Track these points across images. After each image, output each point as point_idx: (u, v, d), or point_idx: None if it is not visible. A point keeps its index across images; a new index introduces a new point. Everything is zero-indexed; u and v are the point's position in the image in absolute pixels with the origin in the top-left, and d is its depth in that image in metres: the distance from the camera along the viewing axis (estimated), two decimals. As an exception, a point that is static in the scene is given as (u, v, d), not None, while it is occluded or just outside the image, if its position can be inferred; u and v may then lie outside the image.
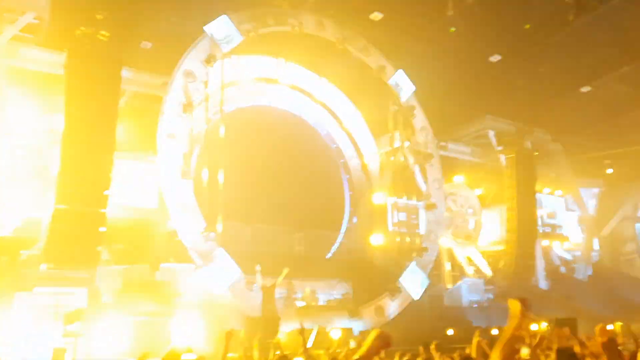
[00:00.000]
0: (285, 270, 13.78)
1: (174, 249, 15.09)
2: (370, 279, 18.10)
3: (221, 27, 15.85)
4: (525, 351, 8.10)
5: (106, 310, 12.34)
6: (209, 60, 15.72)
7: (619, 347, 5.75)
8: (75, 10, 14.24)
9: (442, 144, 21.02)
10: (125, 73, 14.29)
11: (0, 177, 13.30)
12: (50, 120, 13.86)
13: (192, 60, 15.64)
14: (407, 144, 20.16)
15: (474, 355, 6.22)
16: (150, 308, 12.36)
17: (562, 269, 23.18)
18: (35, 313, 11.90)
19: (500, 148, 22.01)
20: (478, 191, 23.16)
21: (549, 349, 6.27)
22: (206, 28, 15.70)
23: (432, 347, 7.03)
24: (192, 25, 16.18)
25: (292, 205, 18.69)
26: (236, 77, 18.73)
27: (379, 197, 20.64)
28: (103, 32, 13.56)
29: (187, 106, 15.19)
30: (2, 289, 11.57)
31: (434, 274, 20.04)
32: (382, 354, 6.55)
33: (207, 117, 16.50)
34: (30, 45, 14.35)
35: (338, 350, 7.82)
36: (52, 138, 13.81)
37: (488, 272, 21.41)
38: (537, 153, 22.48)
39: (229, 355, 6.03)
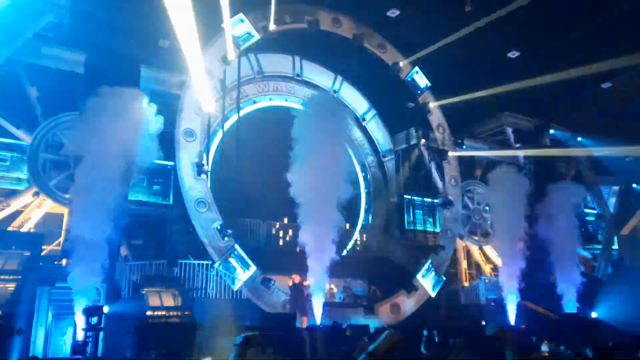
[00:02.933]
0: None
1: (192, 245, 15.25)
2: (387, 277, 18.08)
3: (238, 25, 15.95)
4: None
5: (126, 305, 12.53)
6: (226, 58, 15.84)
7: None
8: (95, 9, 14.46)
9: (459, 141, 20.87)
10: (143, 71, 14.45)
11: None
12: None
13: (208, 58, 15.76)
14: (423, 141, 20.09)
15: None
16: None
17: (582, 268, 22.84)
18: (57, 307, 12.16)
19: (518, 145, 21.77)
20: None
21: None
22: (223, 26, 15.80)
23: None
24: (209, 24, 16.28)
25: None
26: (252, 75, 18.85)
27: (395, 194, 20.61)
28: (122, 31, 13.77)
29: (205, 104, 15.33)
30: (25, 283, 11.80)
31: (451, 272, 19.93)
32: None
33: (224, 114, 16.64)
34: (51, 44, 14.60)
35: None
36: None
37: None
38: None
39: None
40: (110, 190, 11.52)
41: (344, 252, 18.76)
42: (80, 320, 11.11)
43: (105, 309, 11.41)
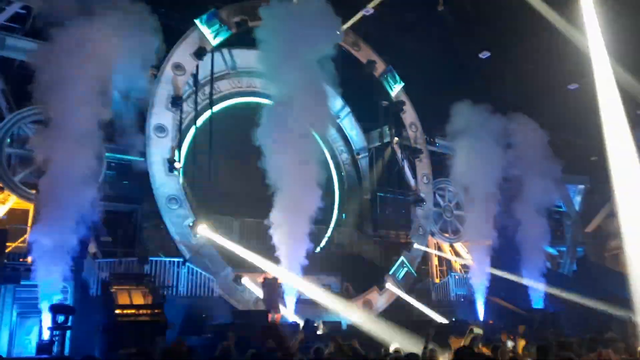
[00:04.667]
0: None
1: (163, 242, 15.05)
2: (359, 273, 18.20)
3: (211, 20, 15.78)
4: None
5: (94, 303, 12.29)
6: (199, 53, 15.66)
7: None
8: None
9: (432, 139, 21.14)
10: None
11: None
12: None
13: (181, 53, 15.57)
14: (396, 139, 20.27)
15: None
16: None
17: (548, 264, 23.42)
18: (22, 306, 11.84)
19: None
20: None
21: None
22: (196, 20, 15.61)
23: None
24: (181, 18, 16.09)
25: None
26: (225, 70, 18.67)
27: (368, 192, 20.74)
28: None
29: (176, 99, 15.13)
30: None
31: (422, 268, 20.18)
32: None
33: (196, 110, 16.46)
34: (17, 36, 14.19)
35: None
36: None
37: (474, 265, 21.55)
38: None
39: None
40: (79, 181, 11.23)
41: (318, 249, 18.80)
42: (46, 318, 10.85)
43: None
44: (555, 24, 17.08)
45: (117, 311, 11.52)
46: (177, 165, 14.80)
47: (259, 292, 14.28)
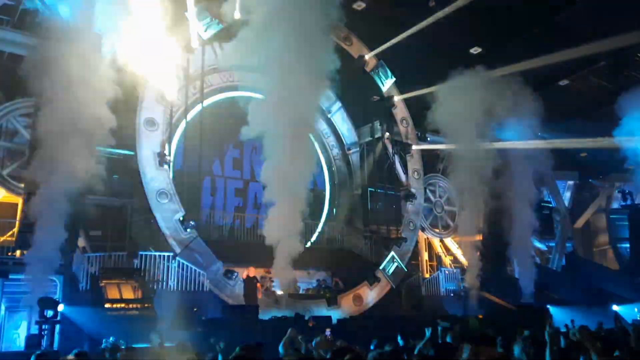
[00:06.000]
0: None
1: (153, 236, 15.00)
2: (349, 268, 18.25)
3: (202, 13, 15.67)
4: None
5: (83, 297, 12.25)
6: (189, 46, 15.56)
7: None
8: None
9: (423, 135, 21.19)
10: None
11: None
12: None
13: (172, 46, 15.41)
14: (387, 134, 20.29)
15: None
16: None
17: (537, 260, 23.63)
18: (11, 300, 11.79)
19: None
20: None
21: None
22: (186, 13, 15.48)
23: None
24: (172, 10, 15.94)
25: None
26: (216, 64, 18.57)
27: (359, 187, 20.77)
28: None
29: (167, 93, 15.03)
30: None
31: (412, 263, 20.27)
32: None
33: (187, 104, 16.37)
34: (6, 28, 14.04)
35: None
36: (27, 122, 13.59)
37: (465, 261, 21.70)
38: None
39: None
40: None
41: (308, 244, 18.83)
42: (34, 312, 10.80)
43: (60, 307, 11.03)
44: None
45: (107, 305, 11.52)
46: (167, 159, 14.69)
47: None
